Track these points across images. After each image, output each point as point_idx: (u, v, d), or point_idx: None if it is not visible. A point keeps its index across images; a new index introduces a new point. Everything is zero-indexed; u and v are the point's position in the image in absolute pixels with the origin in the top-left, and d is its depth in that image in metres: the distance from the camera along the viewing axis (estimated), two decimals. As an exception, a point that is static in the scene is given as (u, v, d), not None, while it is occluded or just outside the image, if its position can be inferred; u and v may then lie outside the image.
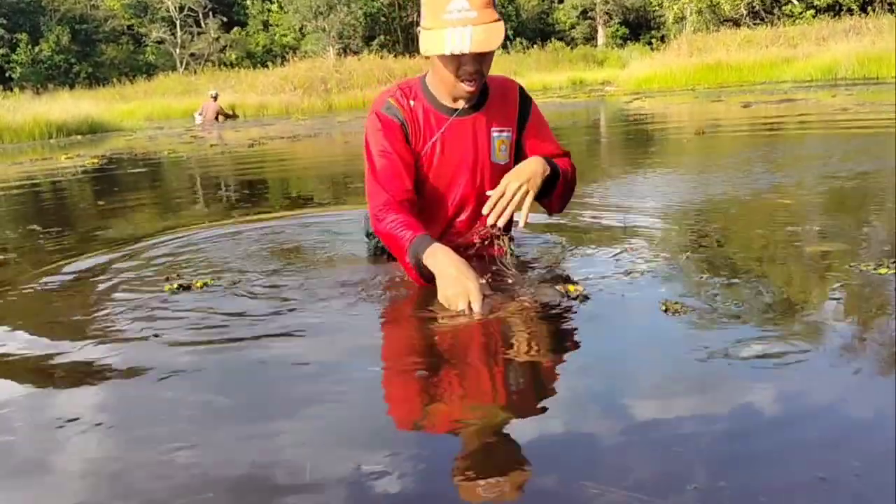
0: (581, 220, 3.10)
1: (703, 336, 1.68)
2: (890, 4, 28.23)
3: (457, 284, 1.86)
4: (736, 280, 2.09)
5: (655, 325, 1.79)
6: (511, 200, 2.02)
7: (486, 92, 2.19)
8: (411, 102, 2.15)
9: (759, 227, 2.89)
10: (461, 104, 2.14)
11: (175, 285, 2.38)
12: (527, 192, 2.03)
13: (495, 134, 2.19)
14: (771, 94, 12.48)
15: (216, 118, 18.07)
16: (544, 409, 1.39)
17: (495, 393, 1.49)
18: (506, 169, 2.18)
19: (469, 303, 1.84)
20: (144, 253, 3.01)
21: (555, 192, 2.16)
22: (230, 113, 19.11)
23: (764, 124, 7.92)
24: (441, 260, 1.91)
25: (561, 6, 43.46)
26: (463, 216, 2.25)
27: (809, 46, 19.03)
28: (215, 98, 18.65)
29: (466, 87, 2.04)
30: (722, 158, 5.28)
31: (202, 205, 4.68)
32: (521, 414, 1.37)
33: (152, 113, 21.91)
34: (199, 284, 2.38)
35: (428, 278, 1.96)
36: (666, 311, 1.83)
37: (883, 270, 2.05)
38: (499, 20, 1.94)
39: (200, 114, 18.53)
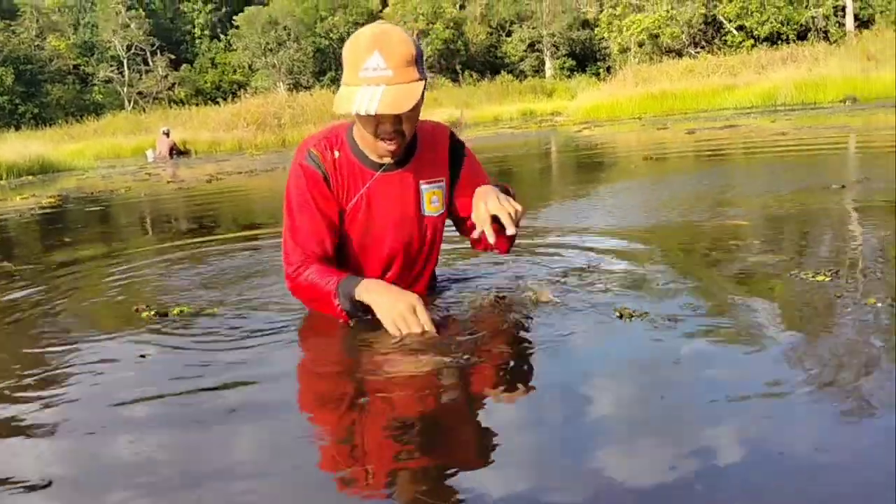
0: (541, 240, 3.24)
1: (653, 339, 1.83)
2: (825, 32, 29.46)
3: (398, 303, 1.85)
4: (684, 288, 2.26)
5: (611, 329, 1.93)
6: (510, 211, 1.88)
7: (415, 143, 2.08)
8: (336, 154, 2.02)
9: (705, 241, 3.07)
10: (387, 159, 2.02)
11: (152, 313, 2.46)
12: (511, 204, 1.90)
13: (425, 187, 2.09)
14: (714, 121, 12.91)
15: (170, 155, 18.00)
16: (506, 406, 1.51)
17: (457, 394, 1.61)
18: (440, 220, 2.15)
19: (416, 314, 1.84)
20: (116, 282, 3.07)
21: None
22: (183, 149, 19.05)
23: (708, 149, 8.23)
24: (375, 289, 1.90)
25: (509, 39, 44.25)
26: (390, 272, 2.14)
27: (749, 74, 19.74)
28: (167, 134, 18.60)
29: (386, 147, 1.93)
30: (669, 181, 5.50)
31: (169, 237, 4.72)
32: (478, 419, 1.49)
33: (101, 152, 21.62)
34: (175, 311, 2.47)
35: (358, 315, 1.95)
36: (620, 317, 1.99)
37: (820, 277, 2.24)
38: (419, 80, 1.85)
39: (154, 151, 18.45)
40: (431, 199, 2.10)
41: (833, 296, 2.05)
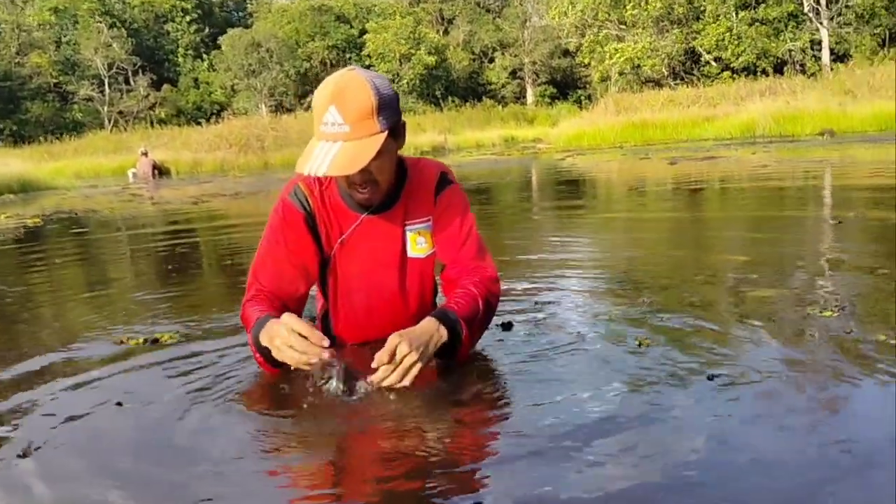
0: (543, 276, 3.25)
1: (669, 364, 1.85)
2: (802, 66, 29.98)
3: (275, 336, 1.69)
4: (692, 320, 2.28)
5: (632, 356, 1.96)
6: (398, 369, 1.66)
7: (404, 182, 1.99)
8: (324, 191, 1.96)
9: (703, 274, 3.08)
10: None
11: (141, 340, 2.45)
12: (414, 363, 1.66)
13: (409, 228, 2.00)
14: (695, 152, 13.05)
15: (152, 174, 17.94)
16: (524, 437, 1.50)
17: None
18: (427, 261, 2.04)
19: (296, 335, 1.66)
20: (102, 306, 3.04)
21: (456, 354, 1.85)
22: (163, 169, 19.01)
23: (691, 180, 8.30)
24: (266, 331, 1.74)
25: (491, 66, 44.67)
26: (380, 315, 2.05)
27: (728, 106, 20.01)
28: (146, 154, 18.53)
29: (358, 196, 1.87)
30: (660, 214, 5.54)
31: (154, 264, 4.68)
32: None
33: (81, 171, 21.46)
34: (166, 338, 2.46)
35: (275, 363, 1.75)
36: (639, 345, 2.04)
37: (828, 314, 2.25)
38: (380, 132, 1.74)
39: (135, 171, 18.40)
40: (417, 241, 2.01)
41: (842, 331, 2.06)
